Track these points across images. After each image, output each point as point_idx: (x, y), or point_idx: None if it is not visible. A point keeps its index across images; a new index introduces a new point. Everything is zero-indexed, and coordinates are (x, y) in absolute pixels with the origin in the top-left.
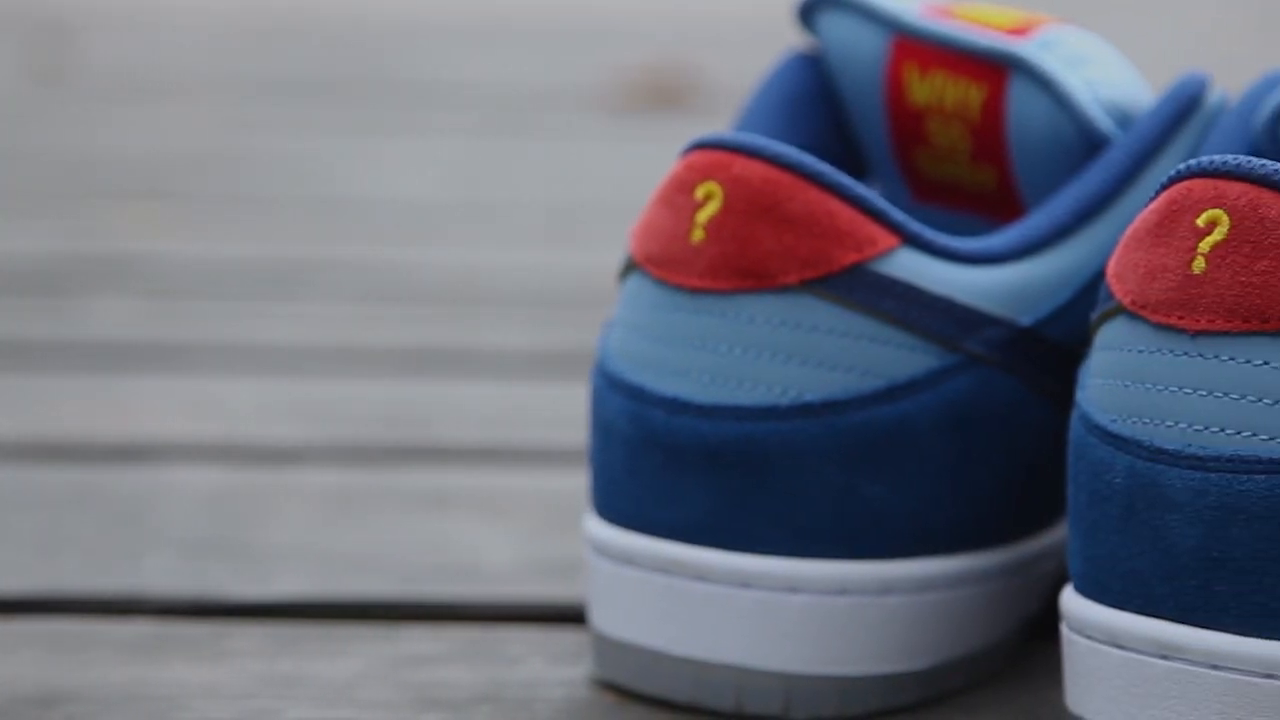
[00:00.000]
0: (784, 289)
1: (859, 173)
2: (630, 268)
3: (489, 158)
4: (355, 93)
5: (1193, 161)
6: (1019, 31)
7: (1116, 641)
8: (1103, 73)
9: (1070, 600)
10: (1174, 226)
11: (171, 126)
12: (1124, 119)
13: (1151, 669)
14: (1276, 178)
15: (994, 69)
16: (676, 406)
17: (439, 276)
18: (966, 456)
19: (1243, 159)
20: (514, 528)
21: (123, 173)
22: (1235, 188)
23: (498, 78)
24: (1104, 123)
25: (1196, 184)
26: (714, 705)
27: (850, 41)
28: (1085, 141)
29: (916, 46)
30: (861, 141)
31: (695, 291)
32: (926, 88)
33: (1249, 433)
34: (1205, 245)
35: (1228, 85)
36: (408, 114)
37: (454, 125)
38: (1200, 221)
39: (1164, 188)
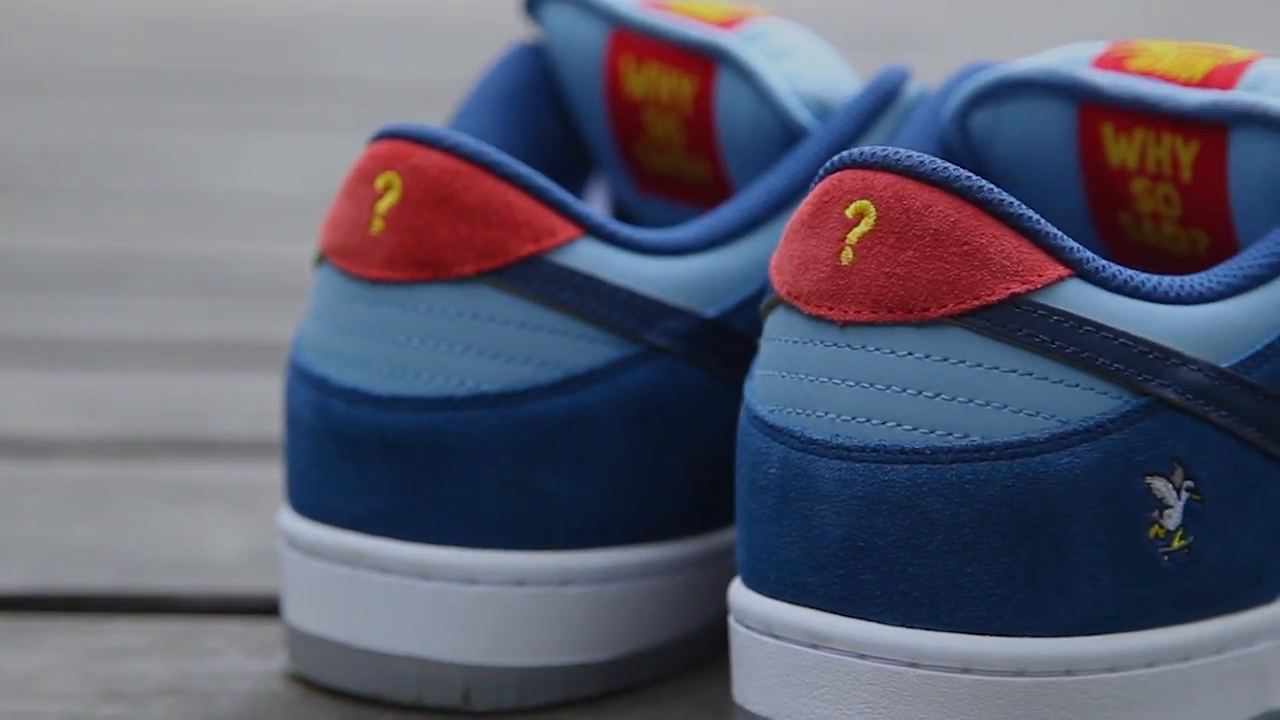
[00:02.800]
0: (460, 279)
1: (585, 165)
2: (319, 259)
3: (359, 153)
4: (237, 87)
5: (845, 153)
6: (728, 24)
7: (772, 631)
8: (805, 65)
9: (735, 591)
10: (825, 218)
11: (38, 121)
12: (824, 111)
13: (803, 658)
14: (922, 169)
15: (703, 61)
16: (356, 397)
17: (262, 271)
18: (649, 447)
19: (890, 150)
20: (254, 521)
21: None
22: (882, 179)
23: (386, 73)
24: (802, 115)
25: (847, 175)
26: (395, 697)
27: (571, 34)
28: (785, 133)
29: (632, 39)
30: (586, 134)
31: (374, 282)
32: (643, 80)
33: (893, 423)
34: (853, 236)
35: None
36: (287, 109)
37: (332, 120)
38: (849, 213)
39: (819, 179)
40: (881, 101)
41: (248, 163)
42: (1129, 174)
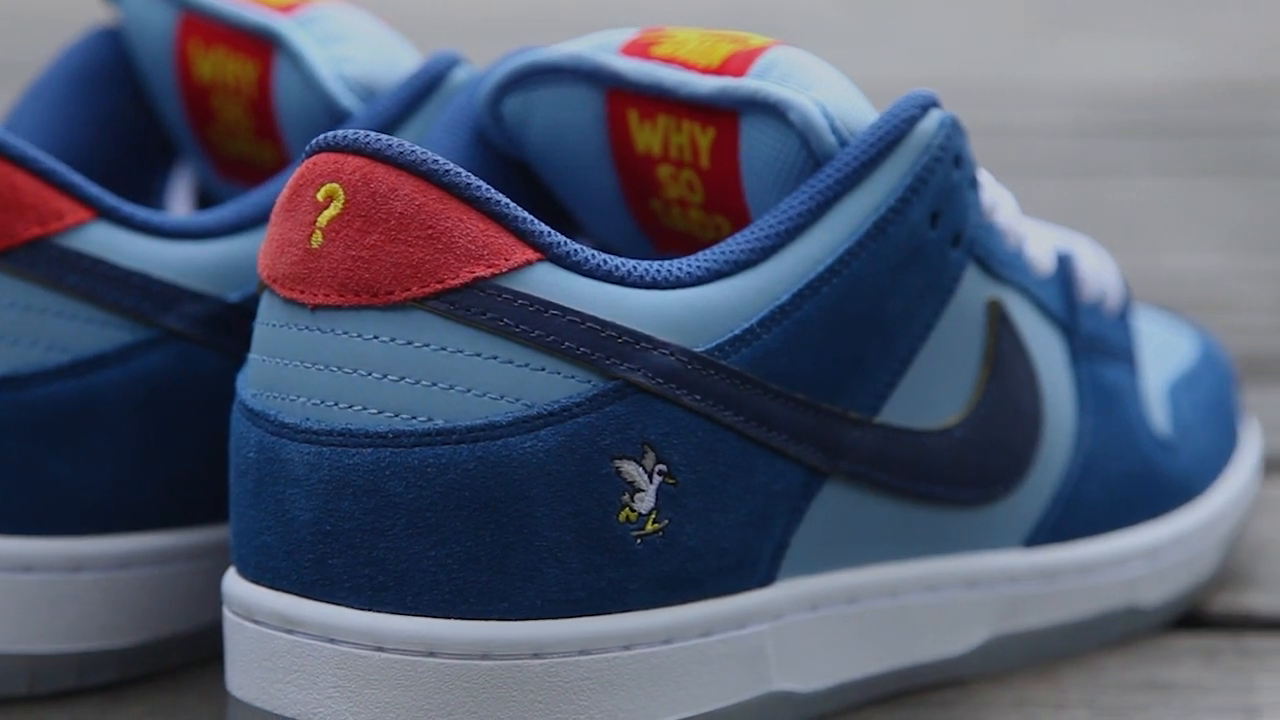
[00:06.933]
0: None
1: (169, 150)
2: None
3: None
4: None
5: (321, 137)
6: (287, 8)
7: (251, 616)
8: (357, 50)
9: (226, 577)
10: (299, 201)
11: None
12: (370, 95)
13: (277, 643)
14: (388, 152)
15: (262, 45)
16: None
17: None
18: (164, 433)
19: (361, 133)
20: None
21: None
22: (352, 162)
23: None
24: (347, 99)
25: (321, 159)
26: None
27: (144, 16)
28: (331, 117)
29: (199, 22)
30: (164, 118)
31: None
32: (210, 64)
33: (359, 406)
34: (323, 219)
35: (1004, 73)
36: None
37: None
38: (320, 196)
39: (299, 162)
40: (425, 87)
41: None
42: (654, 160)
